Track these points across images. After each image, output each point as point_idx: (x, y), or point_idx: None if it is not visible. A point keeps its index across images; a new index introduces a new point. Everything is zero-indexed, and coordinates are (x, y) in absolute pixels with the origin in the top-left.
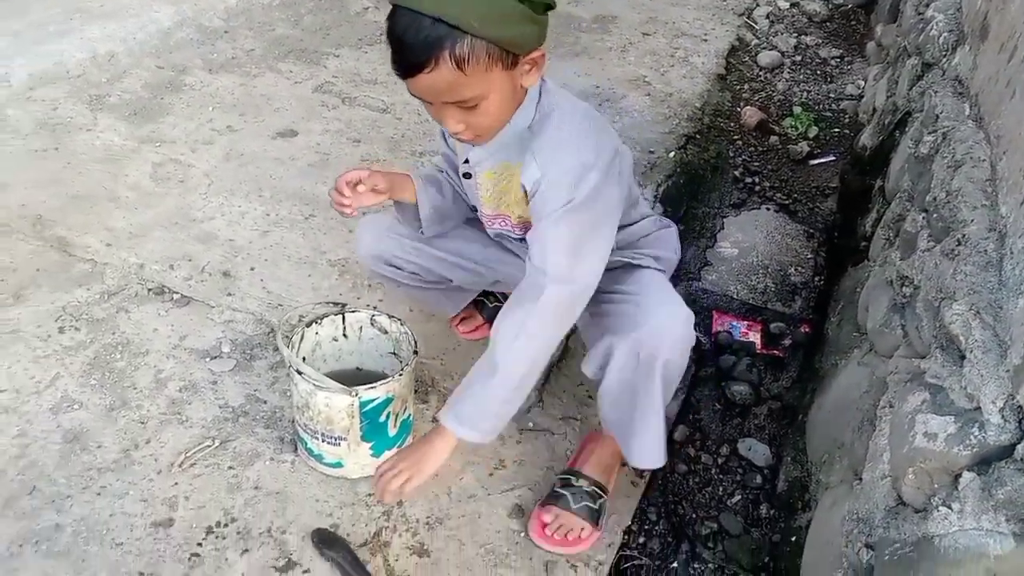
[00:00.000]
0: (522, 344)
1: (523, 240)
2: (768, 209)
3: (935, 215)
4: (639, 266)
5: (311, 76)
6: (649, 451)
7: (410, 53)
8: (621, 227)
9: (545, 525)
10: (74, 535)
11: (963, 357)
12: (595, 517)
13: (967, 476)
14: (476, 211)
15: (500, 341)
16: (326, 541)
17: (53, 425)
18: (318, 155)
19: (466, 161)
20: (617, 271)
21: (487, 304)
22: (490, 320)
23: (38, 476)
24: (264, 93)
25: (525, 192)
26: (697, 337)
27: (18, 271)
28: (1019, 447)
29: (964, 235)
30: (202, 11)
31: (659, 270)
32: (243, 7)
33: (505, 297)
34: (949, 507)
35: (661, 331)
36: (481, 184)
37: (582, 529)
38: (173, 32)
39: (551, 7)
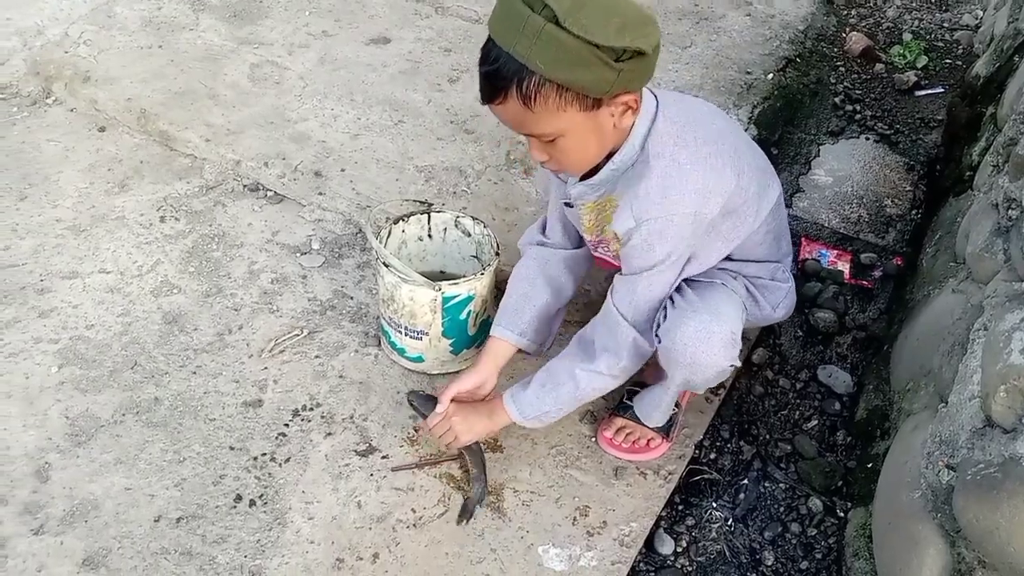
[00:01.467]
0: (596, 376)
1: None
2: (867, 139)
3: None
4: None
5: None
6: (646, 412)
7: (484, 82)
8: (747, 260)
9: (612, 434)
10: (171, 408)
11: None
12: (665, 428)
13: None
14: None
15: (579, 364)
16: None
17: (154, 307)
18: (409, 63)
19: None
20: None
21: None
22: None
23: (139, 352)
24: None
25: (617, 237)
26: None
27: (123, 162)
28: None
29: None
30: None
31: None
32: None
33: None
34: None
35: (685, 352)
36: (583, 214)
37: (651, 439)
38: None
39: (641, 53)
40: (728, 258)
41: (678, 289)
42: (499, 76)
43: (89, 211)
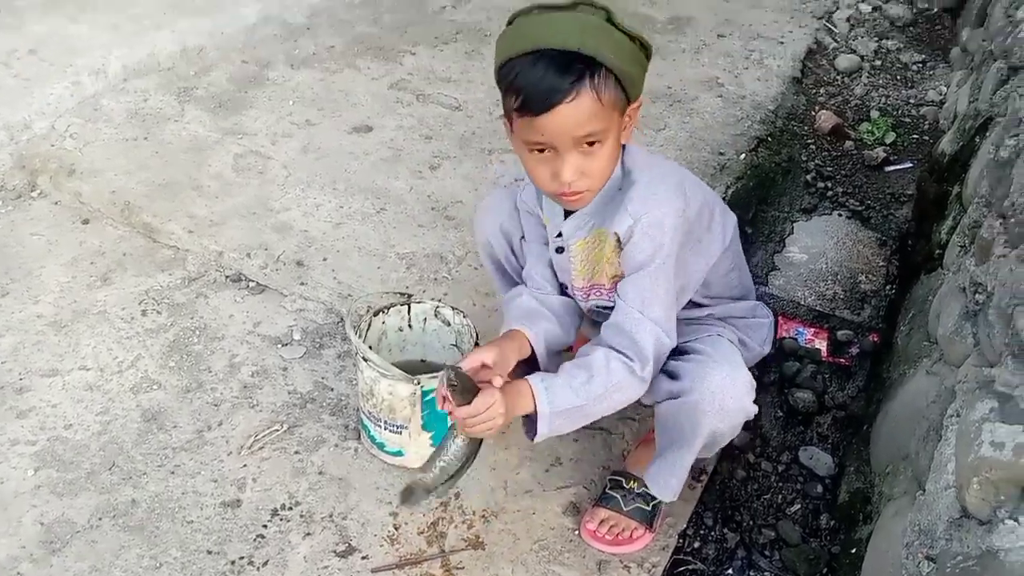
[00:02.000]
0: (627, 368)
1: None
2: (840, 215)
3: (1012, 220)
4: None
5: (388, 73)
6: (664, 482)
7: (549, 88)
8: (721, 299)
9: (595, 527)
10: (148, 511)
11: None
12: (648, 519)
13: None
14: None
15: (612, 353)
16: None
17: (133, 404)
18: (391, 150)
19: (559, 235)
20: (697, 327)
21: None
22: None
23: (118, 452)
24: (342, 89)
25: (618, 240)
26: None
27: (106, 255)
28: None
29: None
30: (287, 8)
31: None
32: (325, 5)
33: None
34: (1016, 520)
35: (714, 401)
36: (575, 256)
37: (634, 529)
38: (258, 28)
39: (649, 52)
40: (710, 306)
41: (685, 351)
42: (574, 73)
43: (71, 306)
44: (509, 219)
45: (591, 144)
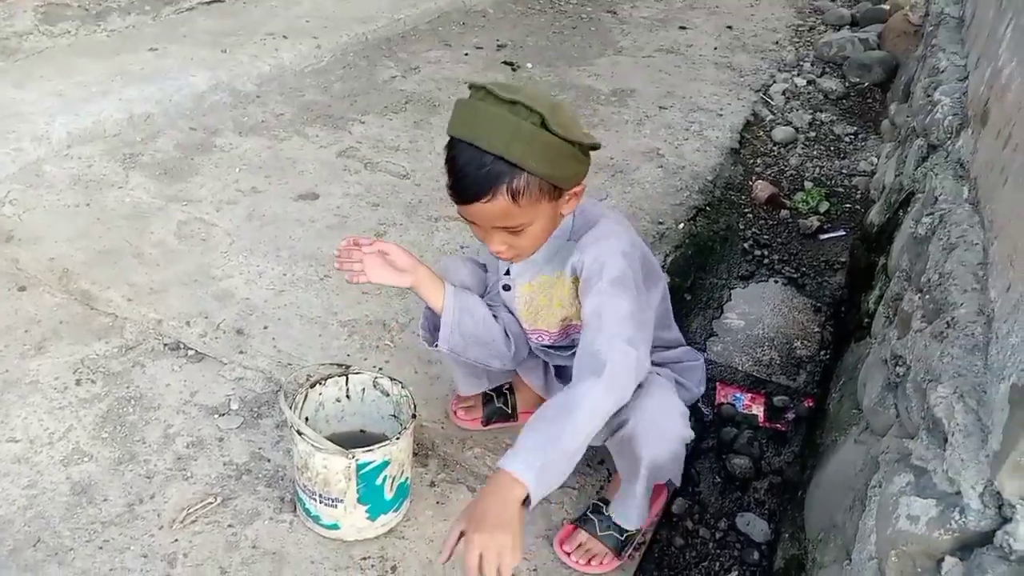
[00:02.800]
0: (594, 397)
1: (557, 348)
2: (776, 282)
3: (928, 296)
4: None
5: (336, 141)
6: (623, 512)
7: (471, 185)
8: (655, 348)
9: (571, 549)
10: None
11: (946, 440)
12: (619, 546)
13: (949, 561)
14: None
15: (573, 394)
16: None
17: (63, 477)
18: (337, 217)
19: (507, 273)
20: None
21: (493, 401)
22: (488, 419)
23: (44, 528)
24: (290, 156)
25: (575, 275)
26: (699, 407)
27: (42, 323)
28: (999, 533)
29: (953, 318)
30: (236, 76)
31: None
32: (276, 73)
33: (508, 395)
34: None
35: (649, 428)
36: (519, 297)
37: (605, 555)
38: (207, 95)
39: (596, 148)
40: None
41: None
42: (492, 176)
43: (1, 376)
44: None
45: (513, 230)
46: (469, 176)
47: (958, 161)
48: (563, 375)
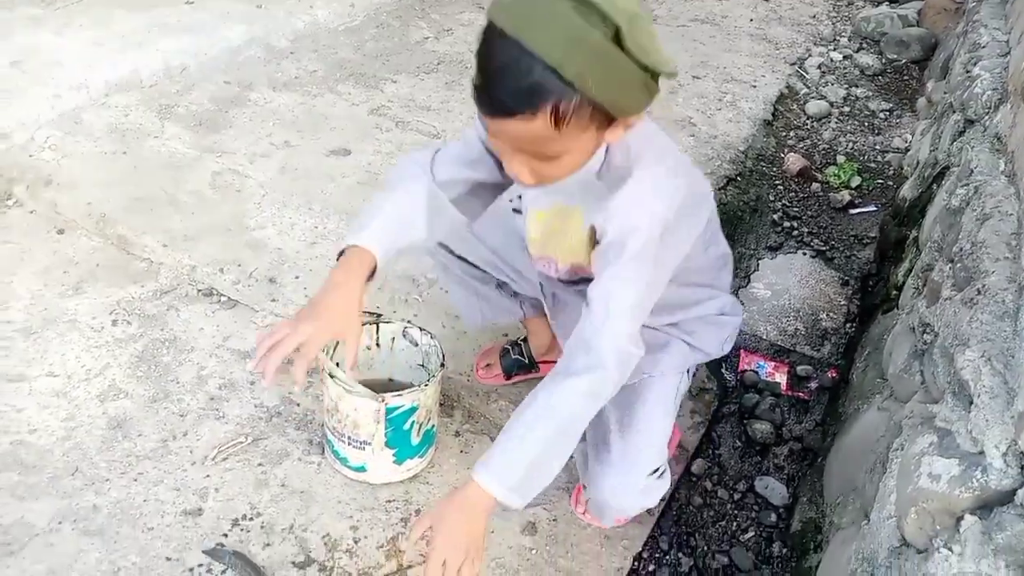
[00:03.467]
0: (578, 398)
1: (568, 283)
2: (804, 254)
3: (959, 265)
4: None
5: (368, 99)
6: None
7: (507, 97)
8: (693, 290)
9: (581, 504)
10: (109, 516)
11: (972, 402)
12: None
13: (968, 519)
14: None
15: (556, 392)
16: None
17: (99, 411)
18: (367, 174)
19: (519, 197)
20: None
21: (509, 354)
22: (508, 372)
23: (81, 458)
24: (322, 112)
25: (593, 233)
26: (722, 372)
27: (80, 265)
28: (1020, 492)
29: (984, 285)
30: (271, 32)
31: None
32: (310, 31)
33: (523, 345)
34: (950, 549)
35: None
36: (530, 222)
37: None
38: (242, 50)
39: (672, 76)
40: (676, 311)
41: (601, 423)
42: (536, 92)
43: (41, 313)
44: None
45: (543, 157)
46: (506, 85)
47: (995, 135)
48: (561, 304)
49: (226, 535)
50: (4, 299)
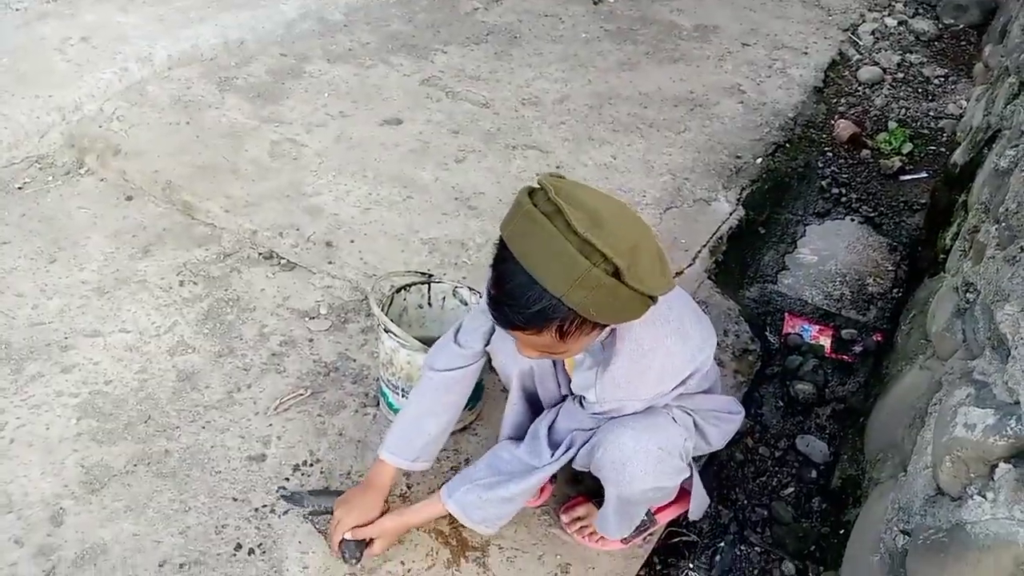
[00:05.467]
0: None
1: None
2: (852, 220)
3: (1004, 224)
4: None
5: (419, 70)
6: (602, 523)
7: (518, 317)
8: (700, 393)
9: (568, 520)
10: (180, 460)
11: (1009, 355)
12: (626, 533)
13: (1003, 467)
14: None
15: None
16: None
17: (169, 365)
18: (419, 143)
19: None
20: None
21: None
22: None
23: (153, 408)
24: (375, 83)
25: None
26: (766, 336)
27: (147, 229)
28: None
29: None
30: (324, 5)
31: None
32: (362, 3)
33: None
34: (984, 496)
35: (614, 470)
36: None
37: (603, 536)
38: (297, 23)
39: (671, 289)
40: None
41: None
42: (542, 318)
43: (113, 274)
44: None
45: (552, 353)
46: (516, 307)
47: None
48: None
49: (288, 479)
50: (79, 261)
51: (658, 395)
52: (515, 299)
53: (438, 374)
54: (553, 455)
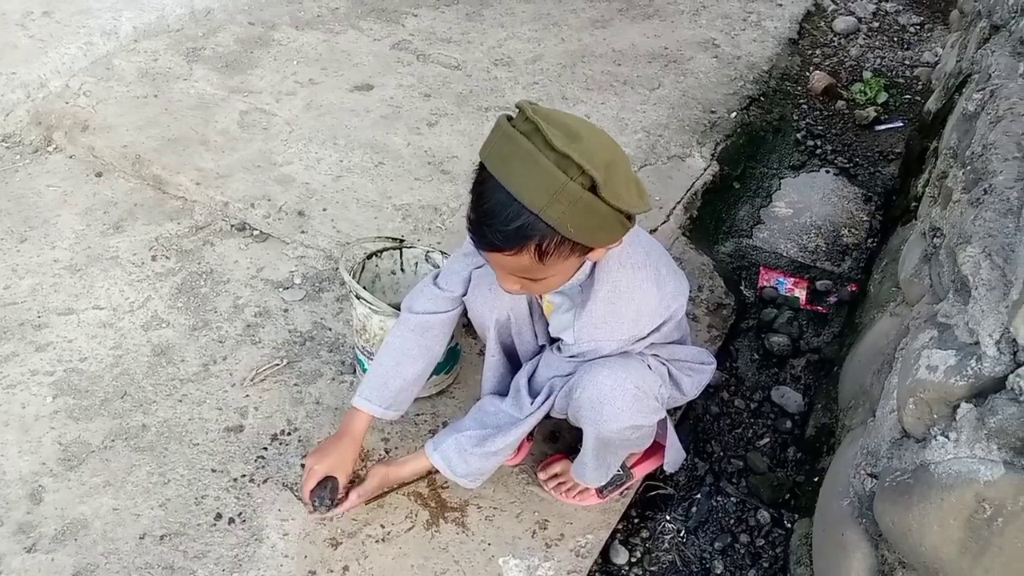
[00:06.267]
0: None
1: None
2: (828, 172)
3: (969, 167)
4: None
5: (390, 34)
6: (579, 471)
7: (495, 235)
8: (672, 343)
9: (546, 477)
10: (157, 434)
11: (971, 295)
12: (602, 487)
13: (964, 407)
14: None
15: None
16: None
17: (144, 340)
18: (391, 108)
19: (548, 335)
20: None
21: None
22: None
23: (129, 383)
24: (345, 49)
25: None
26: (740, 289)
27: (118, 205)
28: (1011, 377)
29: (991, 184)
30: None
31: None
32: None
33: None
34: (946, 436)
35: (592, 408)
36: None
37: (583, 490)
38: None
39: (646, 211)
40: (653, 342)
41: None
42: (521, 233)
43: (85, 251)
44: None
45: (531, 279)
46: (495, 225)
47: (1019, 39)
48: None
49: (266, 448)
50: (51, 239)
51: (633, 337)
52: (494, 217)
53: (416, 316)
54: (533, 403)
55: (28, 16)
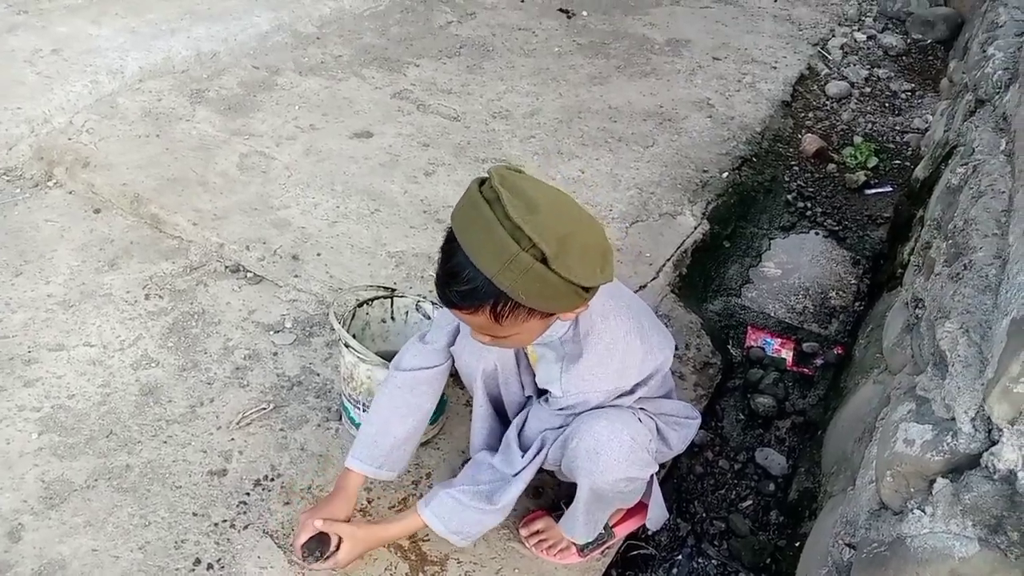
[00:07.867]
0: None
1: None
2: (817, 234)
3: (951, 241)
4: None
5: (391, 83)
6: (569, 525)
7: (454, 294)
8: (658, 398)
9: (528, 534)
10: (141, 475)
11: (947, 372)
12: (583, 546)
13: (940, 482)
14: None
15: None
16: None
17: (132, 379)
18: (389, 156)
19: (537, 388)
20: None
21: None
22: None
23: (115, 422)
24: (347, 96)
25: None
26: (728, 348)
27: (115, 242)
28: (985, 455)
29: (971, 260)
30: (298, 18)
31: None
32: (335, 16)
33: None
34: (923, 510)
35: (588, 459)
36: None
37: (564, 548)
38: (270, 36)
39: (608, 281)
40: (641, 396)
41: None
42: (475, 296)
43: (79, 288)
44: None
45: (496, 336)
46: (452, 285)
47: (1002, 115)
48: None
49: (248, 494)
50: (45, 274)
51: (619, 389)
52: (453, 277)
53: (403, 373)
54: (524, 456)
55: (37, 53)
